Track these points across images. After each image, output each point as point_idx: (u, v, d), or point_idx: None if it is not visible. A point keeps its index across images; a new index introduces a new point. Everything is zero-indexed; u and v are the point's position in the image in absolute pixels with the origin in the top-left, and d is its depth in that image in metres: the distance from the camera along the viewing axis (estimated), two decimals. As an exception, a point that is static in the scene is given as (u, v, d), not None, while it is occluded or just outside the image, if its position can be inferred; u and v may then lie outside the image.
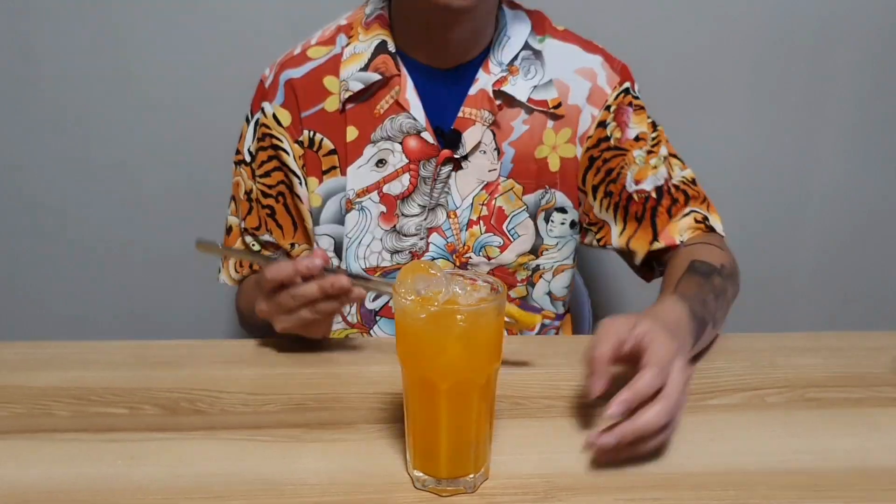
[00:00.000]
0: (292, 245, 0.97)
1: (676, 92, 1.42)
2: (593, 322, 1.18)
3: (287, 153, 0.93)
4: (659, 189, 0.94)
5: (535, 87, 0.92)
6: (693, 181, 0.96)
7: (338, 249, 0.95)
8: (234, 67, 1.32)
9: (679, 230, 0.93)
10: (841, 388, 0.76)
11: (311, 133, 0.93)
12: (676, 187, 0.94)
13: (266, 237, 0.97)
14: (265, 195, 0.96)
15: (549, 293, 0.99)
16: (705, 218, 0.94)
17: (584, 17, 1.00)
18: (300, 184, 0.94)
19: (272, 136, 0.93)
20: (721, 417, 0.70)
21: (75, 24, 1.32)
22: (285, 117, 0.93)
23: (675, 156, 0.97)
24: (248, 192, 0.97)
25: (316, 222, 0.95)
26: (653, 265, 0.97)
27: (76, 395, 0.73)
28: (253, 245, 0.97)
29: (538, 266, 0.97)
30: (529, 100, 0.92)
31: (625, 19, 1.37)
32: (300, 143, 0.93)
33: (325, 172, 0.93)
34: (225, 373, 0.78)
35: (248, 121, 0.97)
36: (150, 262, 1.47)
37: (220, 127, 0.92)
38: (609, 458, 0.62)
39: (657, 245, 0.94)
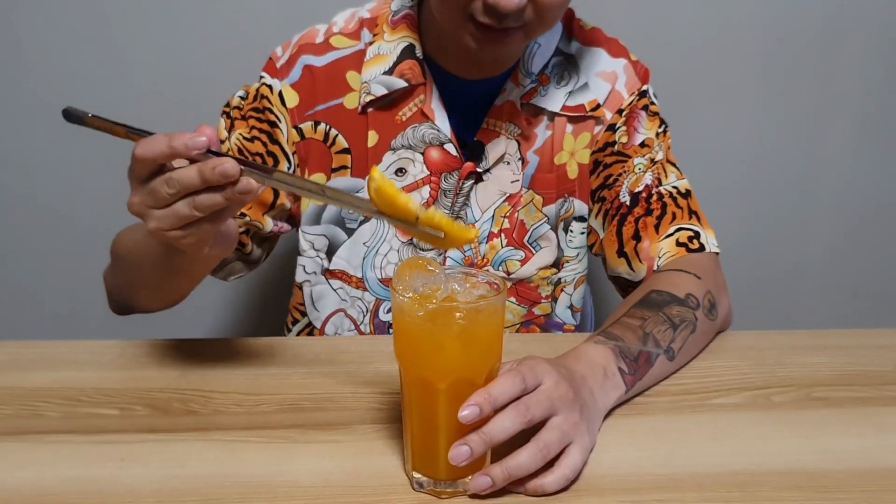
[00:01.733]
0: (241, 214, 0.89)
1: (683, 87, 1.42)
2: (596, 321, 1.18)
3: (282, 133, 0.90)
4: (635, 196, 0.89)
5: (570, 93, 0.91)
6: (686, 193, 0.90)
7: (330, 251, 0.94)
8: (230, 62, 1.32)
9: (658, 252, 0.87)
10: (848, 386, 0.76)
11: (327, 127, 0.90)
12: (659, 196, 0.89)
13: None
14: (240, 152, 0.89)
15: (571, 306, 0.98)
16: (696, 234, 0.87)
17: (590, 11, 1.00)
18: (288, 168, 0.91)
19: (272, 111, 0.90)
20: (726, 417, 0.70)
21: (64, 15, 1.32)
22: (292, 98, 0.90)
23: (672, 164, 0.93)
24: (221, 142, 0.89)
25: (315, 221, 0.93)
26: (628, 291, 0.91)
27: (66, 396, 0.73)
28: None
29: (560, 279, 0.96)
30: (564, 107, 0.91)
31: (631, 14, 1.37)
32: (298, 131, 0.90)
33: (334, 171, 0.91)
34: (218, 372, 0.77)
35: (244, 89, 0.93)
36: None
37: (214, 122, 0.92)
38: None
39: (638, 267, 0.88)
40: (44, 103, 1.37)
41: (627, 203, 0.90)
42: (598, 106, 0.92)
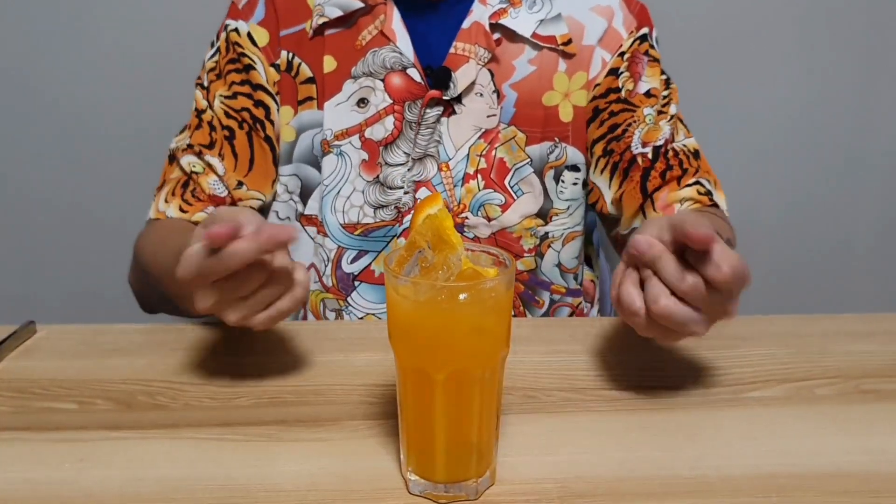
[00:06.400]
0: (239, 184, 0.93)
1: (719, 39, 1.41)
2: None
3: (261, 75, 0.94)
4: (656, 150, 0.93)
5: (541, 21, 0.92)
6: (696, 153, 0.95)
7: (304, 194, 0.96)
8: (194, 29, 1.31)
9: (679, 198, 0.91)
10: (902, 378, 0.76)
11: (290, 55, 0.93)
12: (675, 153, 0.93)
13: (213, 160, 0.92)
14: (227, 115, 0.94)
15: (559, 264, 0.99)
16: (709, 192, 0.92)
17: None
18: (277, 110, 0.95)
19: (245, 55, 0.94)
20: (763, 412, 0.70)
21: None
22: (262, 36, 0.94)
23: (681, 120, 0.96)
24: (201, 111, 0.95)
25: (287, 160, 0.96)
26: None
27: (17, 388, 0.73)
28: (194, 167, 0.92)
29: (547, 234, 0.97)
30: (534, 35, 0.92)
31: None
32: (276, 67, 0.94)
33: (300, 103, 0.94)
34: (189, 362, 0.78)
35: (212, 45, 0.97)
36: (102, 234, 1.47)
37: (177, 96, 0.92)
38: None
39: (653, 216, 0.90)
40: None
41: (649, 156, 0.92)
42: (570, 41, 0.93)
